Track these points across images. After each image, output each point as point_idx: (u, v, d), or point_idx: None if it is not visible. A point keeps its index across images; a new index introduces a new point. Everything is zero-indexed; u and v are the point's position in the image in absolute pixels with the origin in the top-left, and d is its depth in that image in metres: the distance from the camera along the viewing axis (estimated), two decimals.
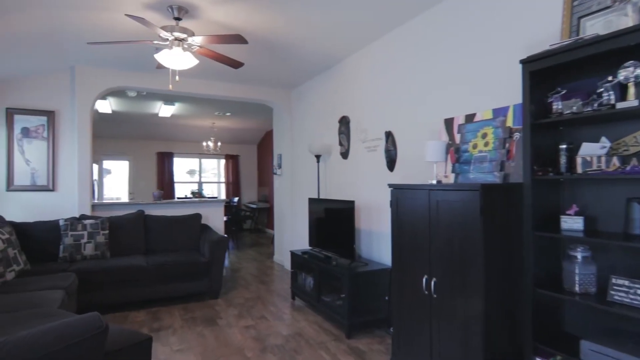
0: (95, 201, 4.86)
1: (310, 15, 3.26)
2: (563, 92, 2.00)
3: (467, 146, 2.74)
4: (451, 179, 2.83)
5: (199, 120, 8.44)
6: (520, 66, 2.42)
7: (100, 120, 8.14)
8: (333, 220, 3.89)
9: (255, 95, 5.62)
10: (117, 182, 9.82)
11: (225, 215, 8.55)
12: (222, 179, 10.88)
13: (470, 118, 2.76)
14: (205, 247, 4.44)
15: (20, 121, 4.49)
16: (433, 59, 3.14)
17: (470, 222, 2.13)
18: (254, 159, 11.07)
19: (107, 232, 4.35)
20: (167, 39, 3.12)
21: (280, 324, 3.58)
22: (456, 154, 2.83)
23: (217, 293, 4.38)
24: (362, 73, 4.11)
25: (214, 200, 5.49)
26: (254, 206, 10.01)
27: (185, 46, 3.22)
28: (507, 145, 2.46)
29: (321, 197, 4.90)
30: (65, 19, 3.21)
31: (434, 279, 2.39)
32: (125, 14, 2.52)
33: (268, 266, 6.06)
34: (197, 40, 3.09)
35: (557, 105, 1.98)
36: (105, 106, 6.84)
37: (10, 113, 4.45)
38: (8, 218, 4.38)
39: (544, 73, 2.03)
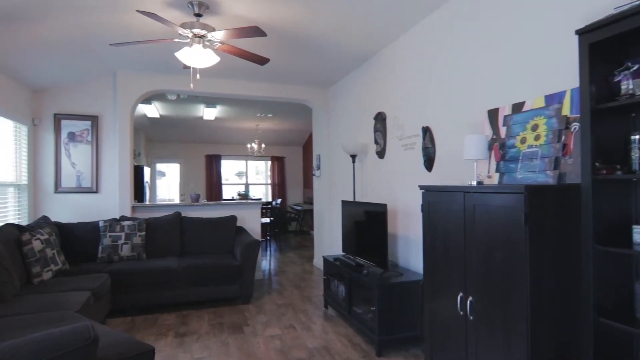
0: (135, 203, 4.97)
1: (339, 4, 3.01)
2: (635, 68, 1.57)
3: (514, 141, 2.33)
4: (495, 179, 2.43)
5: (243, 122, 8.49)
6: (576, 38, 1.99)
7: (151, 125, 8.48)
8: (365, 225, 3.59)
9: (292, 94, 5.46)
10: (170, 184, 10.22)
11: (269, 217, 8.52)
12: (269, 181, 10.92)
13: (518, 108, 2.35)
14: (238, 251, 4.34)
15: (66, 126, 4.70)
16: (474, 41, 2.75)
17: (512, 232, 1.75)
18: (299, 160, 10.99)
19: (143, 233, 4.40)
20: (188, 37, 3.03)
21: (307, 335, 3.35)
22: (501, 150, 2.42)
23: (249, 298, 4.25)
24: (397, 64, 3.77)
25: (250, 202, 5.40)
26: (298, 208, 9.91)
27: (207, 43, 3.11)
28: (562, 138, 2.03)
29: (356, 199, 4.62)
30: (95, 24, 3.24)
31: (470, 298, 2.02)
32: (137, 10, 2.44)
33: (307, 270, 5.88)
34: (216, 36, 2.97)
35: (626, 85, 1.56)
36: (152, 111, 7.07)
37: (58, 118, 4.67)
38: (55, 219, 4.59)
39: (608, 45, 1.61)
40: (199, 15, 3.04)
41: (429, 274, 2.39)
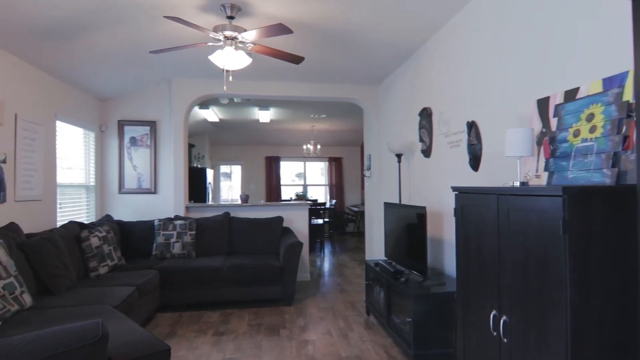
0: (189, 203, 5.21)
1: None
2: None
3: (566, 134, 1.98)
4: (543, 179, 2.10)
5: (298, 123, 8.56)
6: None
7: (214, 129, 8.90)
8: (405, 229, 3.36)
9: (341, 93, 5.34)
10: (233, 186, 10.67)
11: (325, 218, 8.49)
12: (327, 182, 10.91)
13: (571, 95, 1.99)
14: (281, 252, 4.34)
15: (129, 131, 5.07)
16: (520, 20, 2.41)
17: (550, 243, 1.47)
18: (357, 160, 10.82)
19: (194, 232, 4.58)
20: (220, 40, 3.06)
21: (343, 343, 3.21)
22: (551, 145, 2.08)
23: (291, 300, 4.22)
24: (441, 55, 3.48)
25: (298, 203, 5.39)
26: (355, 209, 9.75)
27: (239, 45, 3.13)
28: (623, 129, 1.67)
29: (403, 201, 4.36)
30: (146, 34, 3.42)
31: (504, 317, 1.75)
32: (164, 16, 2.50)
33: (356, 274, 5.71)
34: (246, 37, 2.96)
35: None
36: (211, 115, 7.40)
37: (121, 124, 5.06)
38: (118, 217, 4.96)
39: None
40: (231, 17, 3.06)
41: (461, 288, 2.13)
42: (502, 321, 1.76)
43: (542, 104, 2.20)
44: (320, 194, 11.00)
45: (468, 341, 2.07)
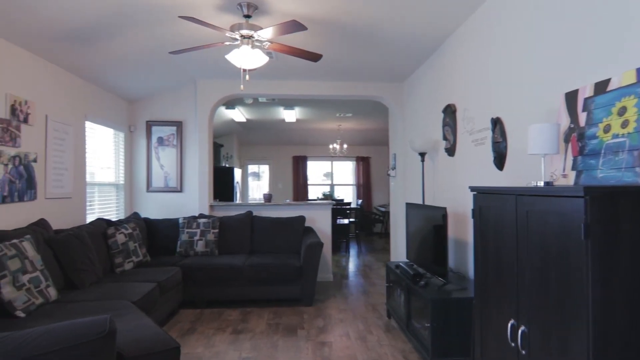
0: (214, 202, 5.28)
1: None
2: None
3: (596, 129, 1.82)
4: (571, 178, 1.94)
5: (324, 123, 8.52)
6: None
7: (241, 128, 9.02)
8: (426, 231, 3.24)
9: (365, 91, 5.25)
10: (261, 185, 10.78)
11: (351, 218, 8.41)
12: (355, 181, 10.80)
13: (601, 87, 1.83)
14: (301, 251, 4.31)
15: (156, 131, 5.21)
16: (546, 8, 2.24)
17: (570, 249, 1.34)
18: (385, 160, 10.64)
19: (217, 231, 4.64)
20: (237, 39, 3.07)
21: (360, 346, 3.14)
22: (579, 142, 1.92)
23: (311, 300, 4.18)
24: (465, 50, 3.32)
25: (321, 202, 5.34)
26: (383, 209, 9.59)
27: (256, 43, 3.12)
28: None
29: (426, 201, 4.22)
30: (168, 35, 3.48)
31: (522, 327, 1.62)
32: (179, 16, 2.53)
33: (381, 275, 5.60)
34: (262, 35, 2.95)
35: None
36: (238, 115, 7.50)
37: (149, 125, 5.21)
38: (145, 215, 5.11)
39: None
40: (248, 16, 3.06)
41: (478, 295, 2.02)
42: (520, 331, 1.63)
43: (571, 98, 2.04)
44: (348, 193, 10.92)
45: (486, 351, 1.95)
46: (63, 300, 2.74)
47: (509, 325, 1.71)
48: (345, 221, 7.71)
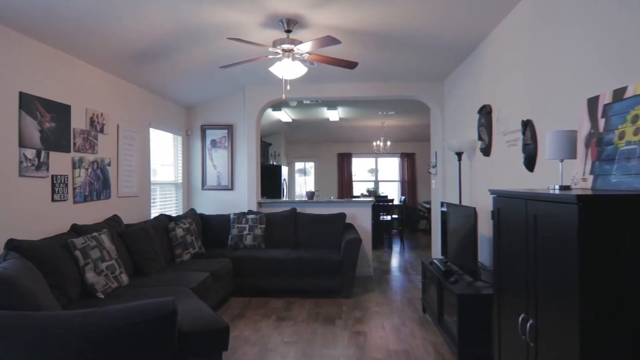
0: (262, 199, 5.68)
1: None
2: None
3: (612, 136, 1.89)
4: (590, 183, 2.02)
5: (367, 121, 8.67)
6: None
7: (288, 128, 9.42)
8: (458, 229, 3.35)
9: (406, 91, 5.36)
10: (307, 181, 11.16)
11: (395, 214, 8.52)
12: (399, 178, 10.84)
13: (619, 95, 1.89)
14: (342, 246, 4.56)
15: (209, 135, 5.69)
16: (575, 13, 2.30)
17: (566, 254, 1.47)
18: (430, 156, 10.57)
19: (263, 226, 5.02)
20: (278, 53, 3.36)
21: (393, 337, 3.34)
22: (598, 147, 1.99)
23: (350, 292, 4.43)
24: (500, 51, 3.37)
25: (361, 200, 5.55)
26: (428, 206, 9.57)
27: (297, 56, 3.39)
28: None
29: (464, 200, 4.28)
30: (221, 50, 3.86)
31: (530, 321, 1.76)
32: (228, 37, 2.86)
33: (419, 271, 5.70)
34: (301, 48, 3.21)
35: None
36: (284, 116, 7.87)
37: (203, 129, 5.70)
38: (200, 211, 5.61)
39: None
40: (289, 31, 3.34)
41: (496, 291, 2.15)
42: (528, 325, 1.77)
43: (592, 103, 2.10)
44: (393, 189, 10.98)
45: (502, 343, 2.09)
46: (133, 285, 3.21)
47: (520, 318, 1.85)
48: (388, 217, 7.84)
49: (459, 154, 4.14)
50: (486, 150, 3.70)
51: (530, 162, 2.85)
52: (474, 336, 2.74)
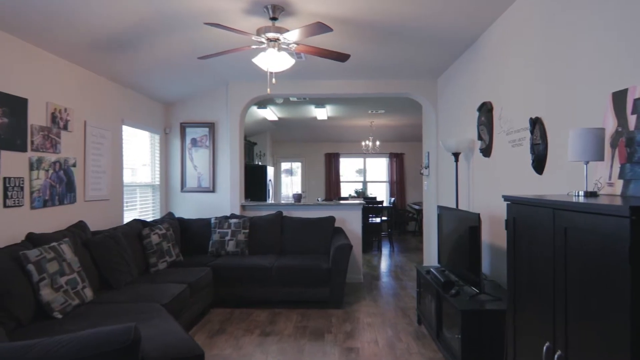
0: (245, 202, 5.35)
1: None
2: None
3: None
4: (618, 188, 1.77)
5: (356, 120, 8.41)
6: None
7: (274, 127, 9.08)
8: (458, 236, 3.10)
9: (397, 88, 5.11)
10: (294, 182, 10.85)
11: (383, 216, 8.27)
12: (388, 178, 10.62)
13: None
14: (331, 253, 4.27)
15: (190, 133, 5.33)
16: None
17: (612, 275, 1.21)
18: (420, 156, 10.35)
19: (247, 231, 4.69)
20: (263, 42, 3.05)
21: (387, 353, 3.06)
22: (628, 147, 1.74)
23: (340, 302, 4.14)
24: (502, 44, 3.13)
25: (351, 203, 5.28)
26: (417, 207, 9.36)
27: (283, 46, 3.09)
28: None
29: (461, 203, 4.04)
30: (198, 40, 3.52)
31: (558, 352, 1.50)
32: (205, 23, 2.54)
33: (413, 277, 5.46)
34: (288, 37, 2.91)
35: None
36: (270, 114, 7.54)
37: (183, 126, 5.33)
38: (179, 214, 5.24)
39: None
40: (274, 19, 3.03)
41: (511, 310, 1.89)
42: (556, 356, 1.51)
43: (619, 98, 1.85)
44: (381, 190, 10.75)
45: None
46: (98, 301, 2.85)
47: (545, 347, 1.58)
48: (377, 220, 7.59)
49: (456, 155, 3.89)
50: (486, 151, 3.45)
51: (539, 163, 2.61)
52: (479, 357, 2.48)
